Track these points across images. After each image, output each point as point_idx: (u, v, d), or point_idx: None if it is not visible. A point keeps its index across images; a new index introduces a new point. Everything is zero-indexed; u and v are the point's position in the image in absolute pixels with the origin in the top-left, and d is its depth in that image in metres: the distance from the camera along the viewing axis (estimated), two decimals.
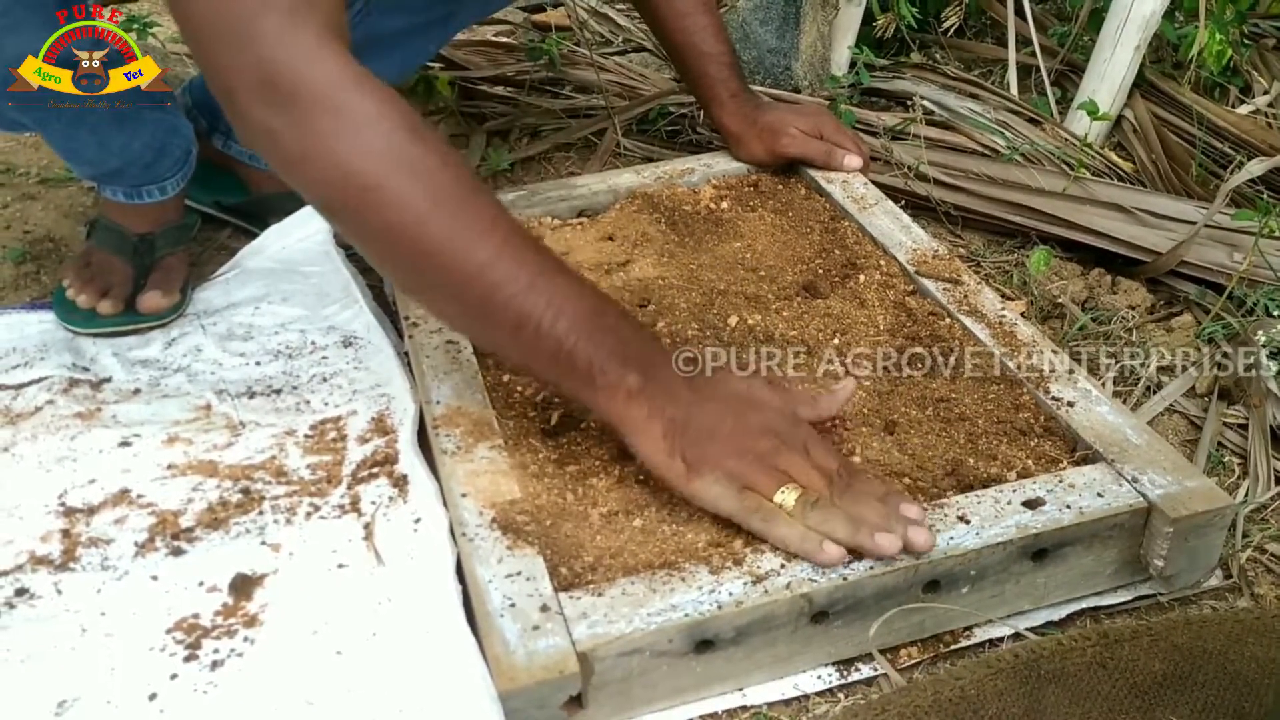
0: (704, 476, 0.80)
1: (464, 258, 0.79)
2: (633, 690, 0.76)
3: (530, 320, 0.79)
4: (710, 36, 1.29)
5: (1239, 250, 1.22)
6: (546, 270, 0.81)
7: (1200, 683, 0.77)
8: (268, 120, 0.78)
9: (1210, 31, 1.47)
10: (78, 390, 1.04)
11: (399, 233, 0.79)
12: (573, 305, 0.80)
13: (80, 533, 0.88)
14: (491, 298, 0.79)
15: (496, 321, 0.81)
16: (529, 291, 0.79)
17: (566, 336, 0.79)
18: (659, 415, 0.81)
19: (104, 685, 0.75)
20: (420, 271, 0.82)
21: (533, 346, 0.81)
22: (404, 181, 0.78)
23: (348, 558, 0.85)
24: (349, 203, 0.80)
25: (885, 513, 0.78)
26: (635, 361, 0.81)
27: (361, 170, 0.78)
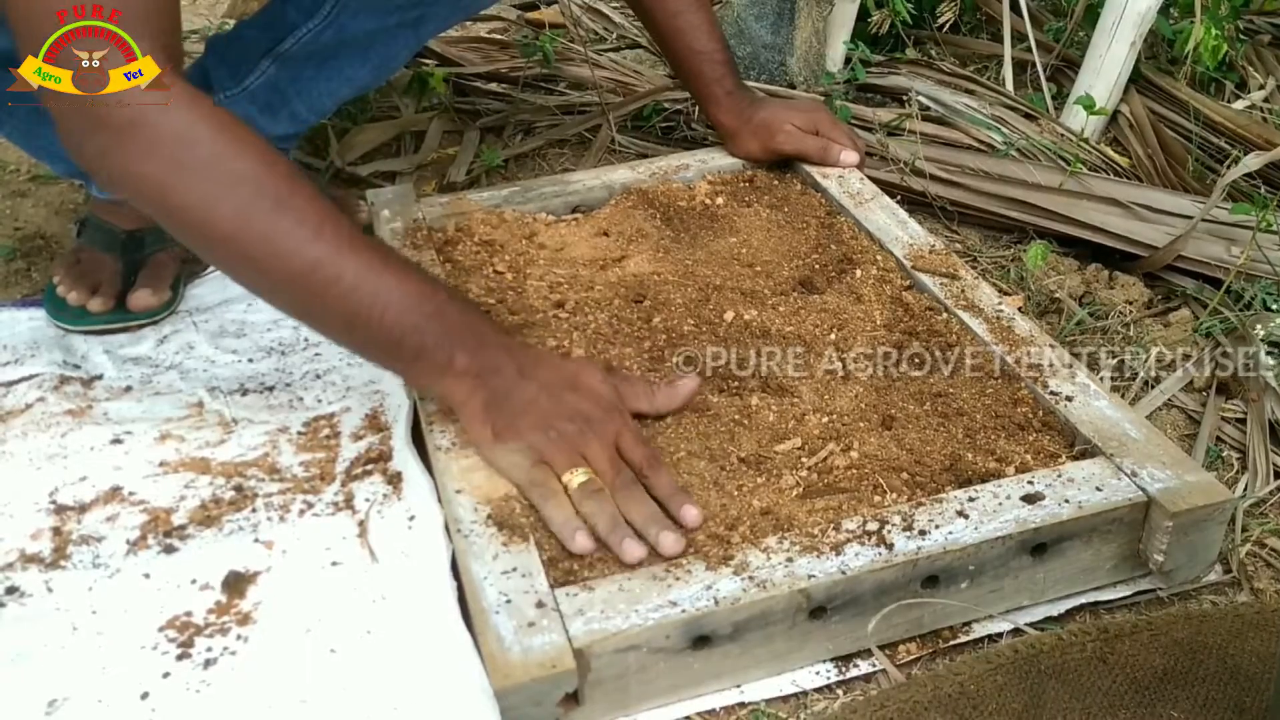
0: (506, 444, 0.84)
1: (291, 258, 0.81)
2: (629, 687, 0.75)
3: (360, 315, 0.83)
4: (704, 33, 1.29)
5: (1236, 245, 1.21)
6: (373, 265, 0.83)
7: (1200, 678, 0.77)
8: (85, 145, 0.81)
9: (1205, 27, 1.46)
10: (68, 387, 1.03)
11: (226, 239, 0.82)
12: (399, 295, 0.83)
13: (71, 530, 0.87)
14: (322, 295, 0.82)
15: (329, 317, 0.85)
16: (356, 287, 0.82)
17: (395, 326, 0.83)
18: (482, 388, 0.85)
19: (95, 684, 0.75)
20: (251, 274, 0.84)
21: (365, 338, 0.85)
22: (223, 189, 0.81)
23: (341, 555, 0.85)
24: (174, 218, 0.83)
25: (650, 516, 0.80)
26: (462, 341, 0.85)
27: (177, 188, 0.80)
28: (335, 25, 1.12)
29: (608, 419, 0.85)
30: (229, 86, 1.26)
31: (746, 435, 0.91)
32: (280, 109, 1.18)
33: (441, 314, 0.85)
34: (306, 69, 1.15)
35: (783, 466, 0.88)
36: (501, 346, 0.87)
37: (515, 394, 0.85)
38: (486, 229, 1.19)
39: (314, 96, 1.18)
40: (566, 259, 1.13)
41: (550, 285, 1.09)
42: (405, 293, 0.84)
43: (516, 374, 0.86)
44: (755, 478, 0.87)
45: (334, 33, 1.12)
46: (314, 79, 1.16)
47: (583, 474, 0.82)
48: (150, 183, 0.81)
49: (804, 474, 0.87)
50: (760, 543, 0.79)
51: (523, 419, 0.84)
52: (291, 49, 1.13)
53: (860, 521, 0.81)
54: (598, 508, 0.81)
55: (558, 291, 1.08)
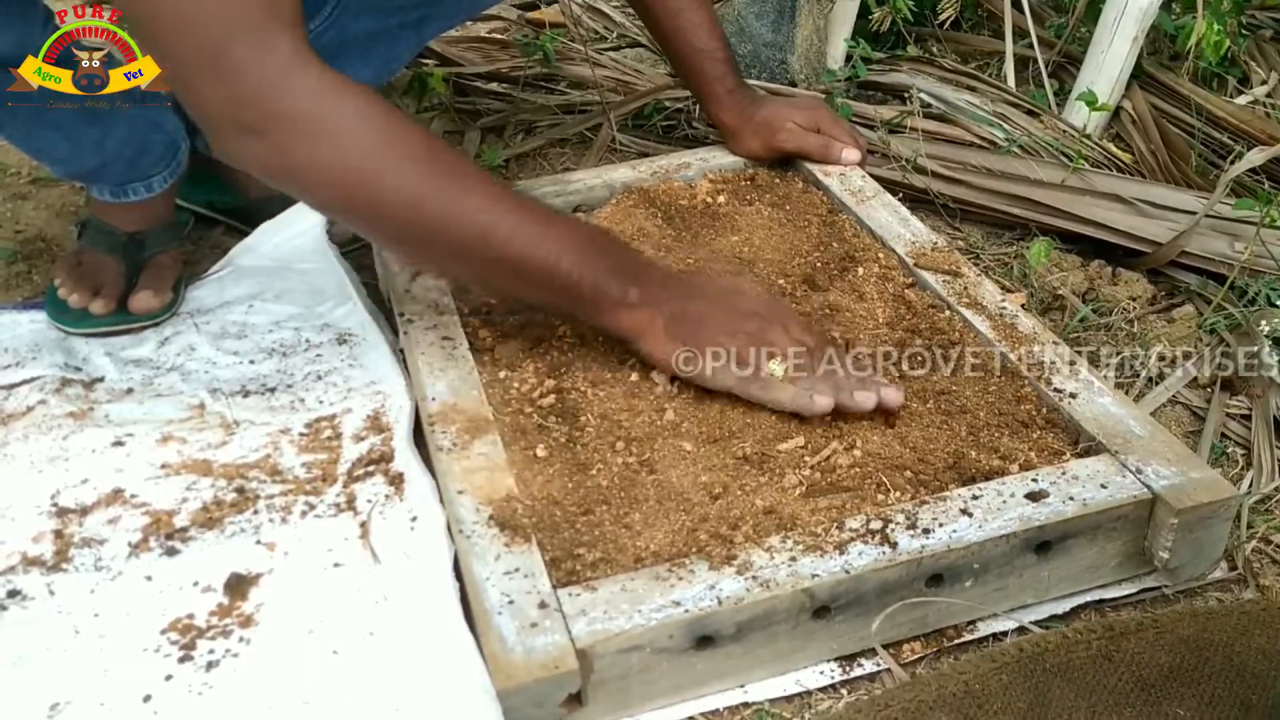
0: (704, 357, 0.91)
1: (469, 224, 0.87)
2: (632, 687, 0.75)
3: (538, 264, 0.88)
4: (705, 32, 1.28)
5: (1240, 240, 1.21)
6: (541, 218, 0.90)
7: (1206, 675, 0.76)
8: (248, 148, 0.83)
9: (1208, 22, 1.46)
10: (70, 390, 1.03)
11: (404, 215, 0.86)
12: (572, 243, 0.90)
13: (73, 533, 0.87)
14: (501, 253, 0.88)
15: (508, 272, 0.90)
16: (533, 240, 0.88)
17: (572, 271, 0.89)
18: (659, 316, 0.91)
19: (98, 687, 0.75)
20: (431, 244, 0.89)
21: (544, 286, 0.90)
22: (396, 169, 0.84)
23: (344, 556, 0.84)
24: (348, 202, 0.86)
25: (862, 379, 0.91)
26: (631, 277, 0.92)
27: (352, 170, 0.84)
28: (336, 26, 1.12)
29: (775, 312, 0.94)
30: None
31: (749, 434, 0.90)
32: None
33: (607, 255, 0.92)
34: None
35: (785, 465, 0.87)
36: (664, 274, 0.96)
37: (690, 313, 0.92)
38: None
39: None
40: None
41: None
42: (575, 241, 0.90)
43: (685, 295, 0.93)
44: (758, 477, 0.87)
45: (335, 34, 1.12)
46: None
47: (778, 364, 0.90)
48: (329, 170, 0.84)
49: (807, 473, 0.87)
50: (763, 542, 0.79)
51: (705, 332, 0.91)
52: None
53: (864, 520, 0.81)
54: (812, 381, 0.89)
55: None
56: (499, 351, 1.00)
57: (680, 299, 0.92)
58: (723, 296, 0.95)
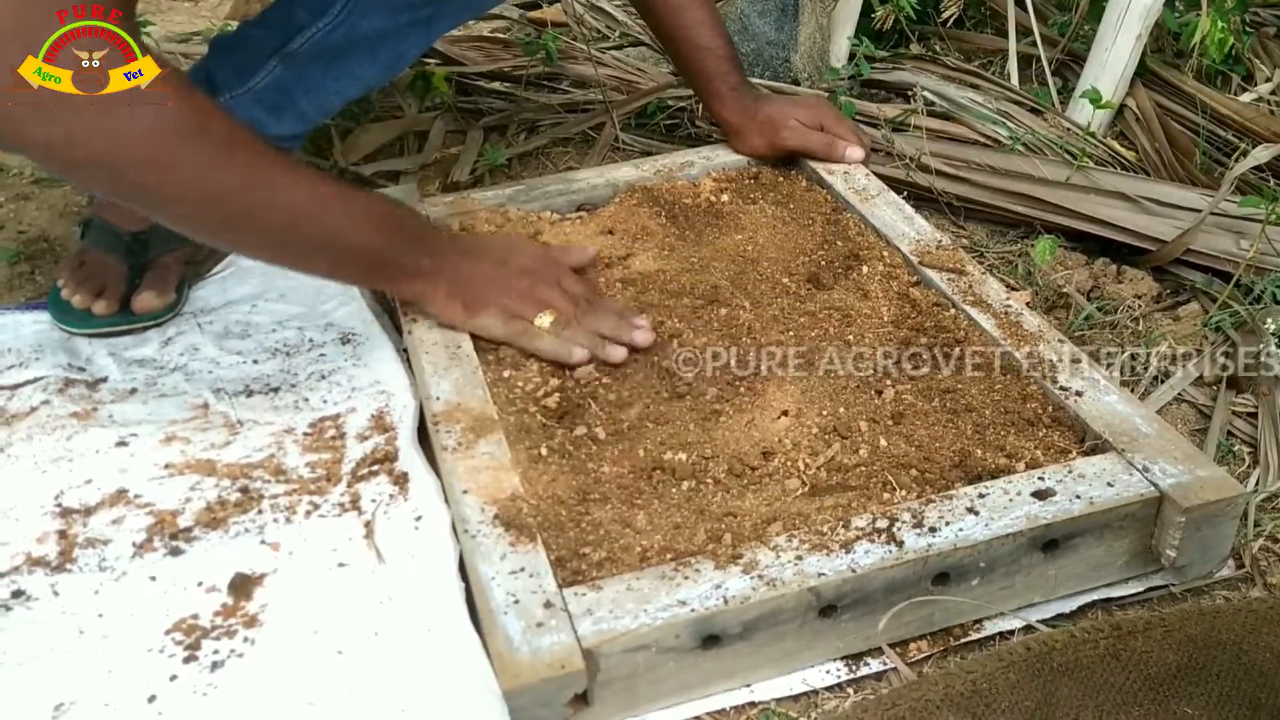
0: (480, 313, 1.00)
1: (272, 201, 0.90)
2: (639, 687, 0.75)
3: (341, 239, 0.94)
4: (707, 30, 1.28)
5: (1245, 238, 1.21)
6: (341, 197, 0.94)
7: (1215, 674, 0.76)
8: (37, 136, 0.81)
9: (1211, 20, 1.45)
10: (73, 390, 1.03)
11: (202, 196, 0.87)
12: (370, 219, 0.96)
13: (77, 533, 0.87)
14: (305, 230, 0.92)
15: (311, 247, 0.94)
16: (337, 216, 0.93)
17: (369, 246, 0.96)
18: (443, 279, 1.00)
19: (102, 687, 0.74)
20: (232, 224, 0.90)
21: (344, 259, 0.96)
22: (192, 149, 0.85)
23: (348, 556, 0.84)
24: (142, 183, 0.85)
25: (619, 325, 0.99)
26: (422, 247, 0.99)
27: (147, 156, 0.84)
28: (346, 24, 1.11)
29: (549, 268, 1.03)
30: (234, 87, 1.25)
31: (754, 433, 0.90)
32: (286, 109, 1.17)
33: (402, 228, 0.98)
34: (314, 68, 1.14)
35: (790, 464, 0.87)
36: (450, 243, 1.03)
37: (472, 275, 1.00)
38: (491, 228, 1.18)
39: (321, 96, 1.17)
40: None
41: None
42: (372, 216, 0.96)
43: (468, 260, 1.01)
44: (763, 476, 0.86)
45: (344, 32, 1.11)
46: (322, 78, 1.15)
47: (548, 315, 0.98)
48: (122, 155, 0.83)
49: (812, 472, 0.86)
50: (769, 541, 0.79)
51: (484, 291, 1.00)
52: (300, 49, 1.13)
53: (870, 519, 0.80)
54: (574, 333, 0.98)
55: None
56: (503, 350, 1.00)
57: (463, 264, 1.01)
58: (499, 257, 1.03)
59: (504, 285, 1.00)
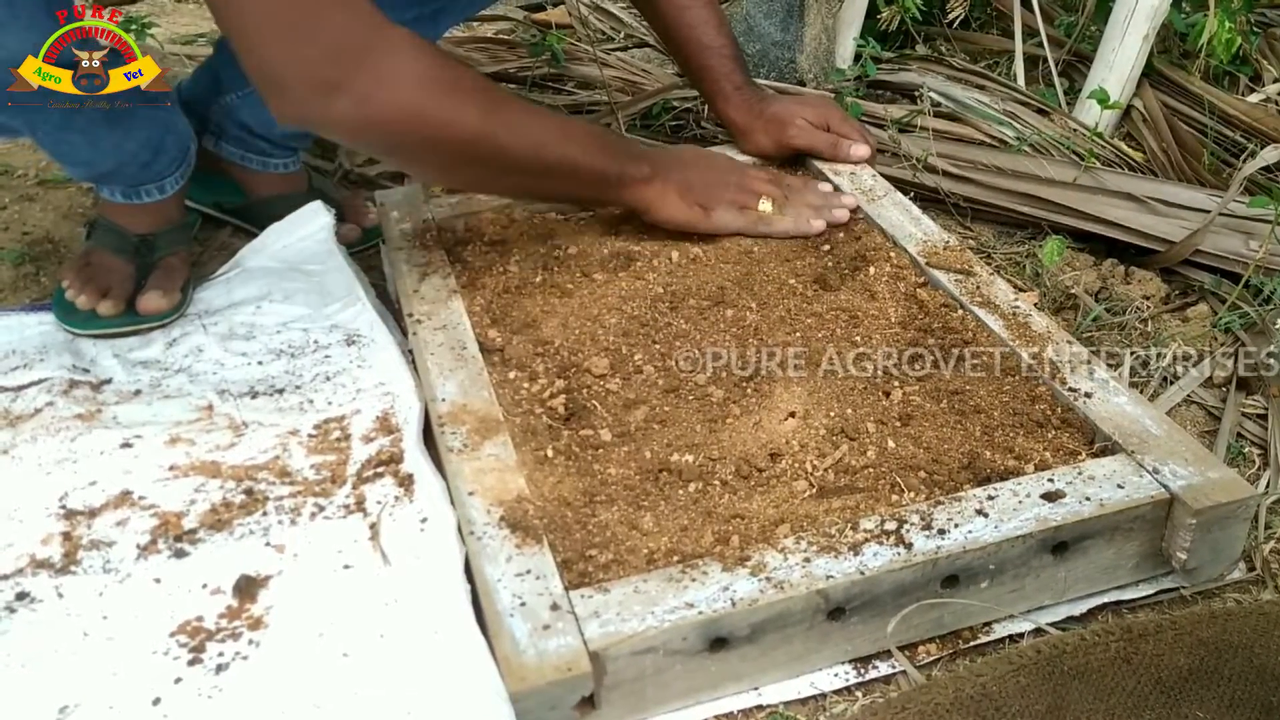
0: (715, 211, 1.12)
1: (525, 142, 1.02)
2: (646, 690, 0.74)
3: (576, 165, 1.06)
4: (712, 29, 1.28)
5: (1254, 238, 1.20)
6: (568, 127, 1.10)
7: (1226, 677, 0.75)
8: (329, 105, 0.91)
9: (1219, 20, 1.45)
10: (78, 391, 1.03)
11: (473, 144, 0.98)
12: (594, 141, 1.08)
13: (81, 535, 0.86)
14: (548, 163, 1.04)
15: (553, 177, 1.06)
16: (570, 146, 1.05)
17: (596, 164, 1.08)
18: (670, 185, 1.11)
19: (106, 690, 0.74)
20: (493, 166, 1.02)
21: (580, 181, 1.08)
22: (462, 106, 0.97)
23: (353, 558, 0.84)
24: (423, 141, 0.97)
25: (825, 198, 1.18)
26: (639, 158, 1.11)
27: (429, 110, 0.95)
28: None
29: (742, 168, 1.20)
30: (240, 86, 1.25)
31: (761, 434, 0.90)
32: None
33: (619, 145, 1.14)
34: None
35: (798, 466, 0.87)
36: (661, 154, 1.16)
37: (693, 179, 1.12)
38: (496, 229, 1.18)
39: None
40: (577, 259, 1.12)
41: (561, 286, 1.08)
42: (595, 139, 1.09)
43: (684, 167, 1.14)
44: (770, 478, 0.86)
45: None
46: None
47: (767, 201, 1.14)
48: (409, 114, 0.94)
49: (820, 473, 0.86)
50: (777, 543, 0.78)
51: (711, 191, 1.12)
52: None
53: (878, 521, 0.80)
54: (797, 210, 1.14)
55: (569, 293, 1.07)
56: (508, 352, 1.00)
57: (679, 170, 1.12)
58: (706, 162, 1.17)
59: (723, 184, 1.13)
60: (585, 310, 1.04)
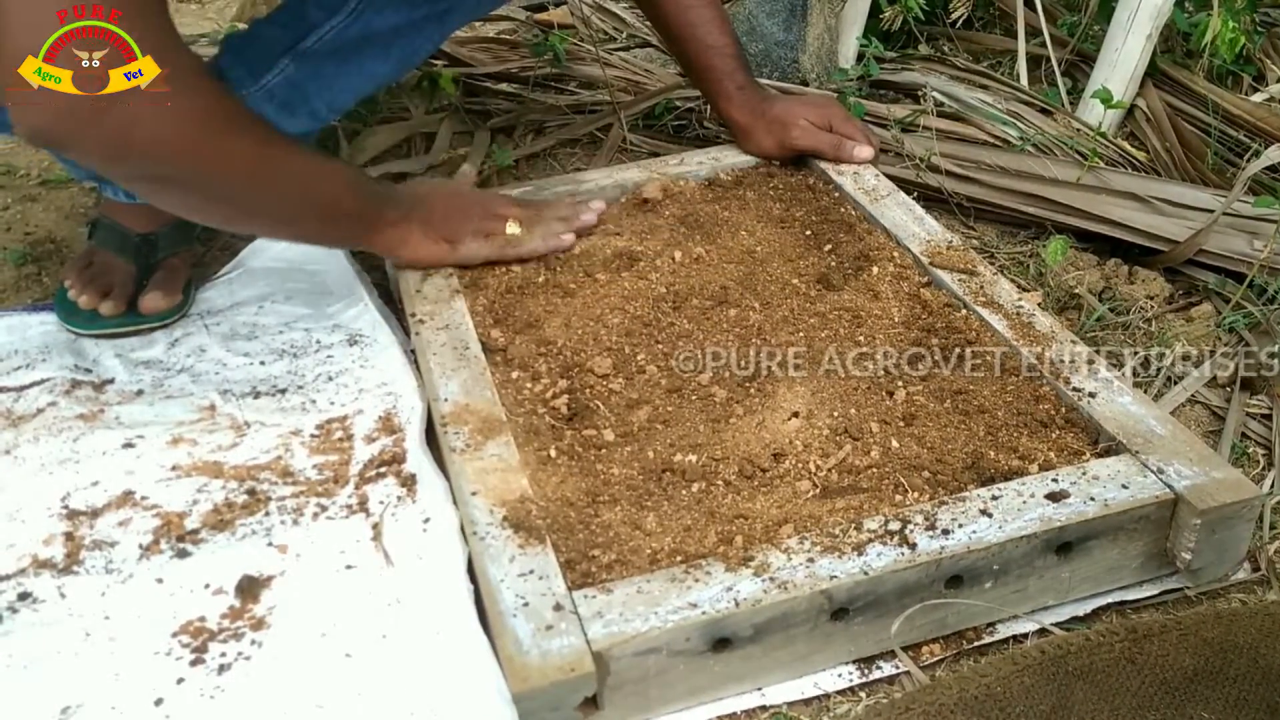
0: (462, 243, 1.10)
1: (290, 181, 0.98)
2: (649, 690, 0.74)
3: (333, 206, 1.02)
4: (715, 29, 1.27)
5: (1259, 238, 1.20)
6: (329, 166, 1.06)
7: (1231, 678, 0.75)
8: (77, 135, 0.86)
9: (1222, 19, 1.45)
10: (80, 392, 1.03)
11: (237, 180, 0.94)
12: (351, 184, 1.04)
13: (83, 535, 0.86)
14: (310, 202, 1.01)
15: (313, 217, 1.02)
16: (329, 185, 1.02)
17: (354, 206, 1.04)
18: (414, 224, 1.09)
19: (108, 690, 0.74)
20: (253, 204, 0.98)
21: (334, 222, 1.04)
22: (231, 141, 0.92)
23: (356, 559, 0.84)
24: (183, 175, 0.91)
25: (572, 209, 1.15)
26: (388, 201, 1.08)
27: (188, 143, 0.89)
28: (361, 21, 1.11)
29: (484, 194, 1.19)
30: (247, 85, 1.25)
31: (764, 434, 0.90)
32: (299, 107, 1.17)
33: (373, 189, 1.08)
34: (328, 65, 1.14)
35: (802, 466, 0.86)
36: (405, 194, 1.11)
37: (434, 215, 1.10)
38: None
39: (334, 93, 1.16)
40: (580, 258, 1.12)
41: (564, 286, 1.08)
42: (354, 183, 1.05)
43: (424, 204, 1.11)
44: (774, 478, 0.86)
45: (359, 28, 1.11)
46: (335, 75, 1.15)
47: (514, 224, 1.11)
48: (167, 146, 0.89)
49: (824, 474, 0.86)
50: (781, 543, 0.78)
51: (454, 223, 1.10)
52: (313, 46, 1.12)
53: (882, 521, 0.80)
54: (545, 227, 1.12)
55: (571, 293, 1.07)
56: (511, 352, 1.00)
57: (421, 208, 1.10)
58: (449, 195, 1.15)
59: (464, 215, 1.11)
60: (588, 310, 1.04)
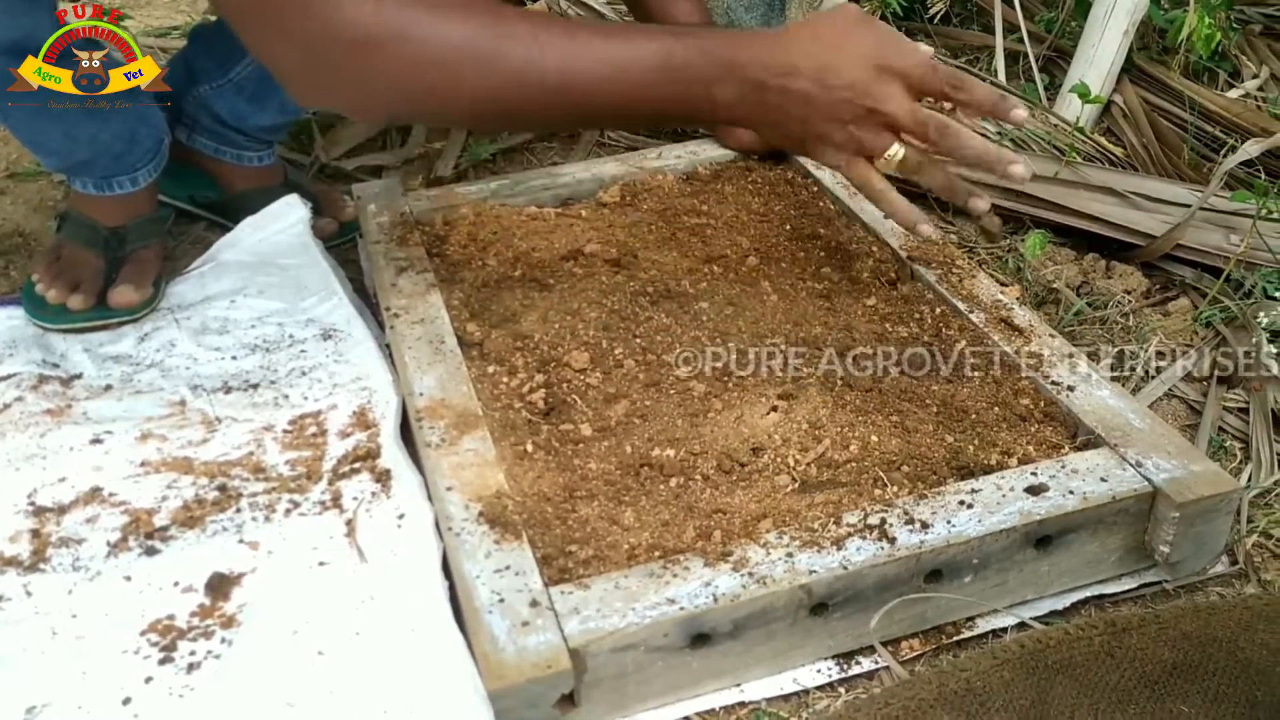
0: (816, 155, 0.88)
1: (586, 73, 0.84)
2: (627, 687, 0.73)
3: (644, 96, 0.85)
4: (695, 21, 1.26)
5: (1236, 232, 1.20)
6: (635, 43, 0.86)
7: (1211, 671, 0.75)
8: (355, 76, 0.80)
9: (1199, 16, 1.45)
10: (47, 387, 1.01)
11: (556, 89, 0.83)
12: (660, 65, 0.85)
13: (50, 533, 0.85)
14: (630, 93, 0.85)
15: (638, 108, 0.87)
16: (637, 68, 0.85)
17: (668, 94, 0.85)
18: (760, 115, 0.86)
19: (75, 689, 0.73)
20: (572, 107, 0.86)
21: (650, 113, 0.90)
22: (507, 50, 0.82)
23: (329, 555, 0.82)
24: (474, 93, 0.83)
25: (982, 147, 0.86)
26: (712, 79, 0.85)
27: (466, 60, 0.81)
28: None
29: (879, 78, 0.84)
30: (215, 78, 1.23)
31: (743, 429, 0.89)
32: (269, 99, 1.16)
33: (687, 64, 0.85)
34: None
35: (781, 460, 0.86)
36: (745, 60, 0.86)
37: (788, 105, 0.85)
38: (475, 222, 1.16)
39: None
40: (557, 253, 1.11)
41: (541, 280, 1.07)
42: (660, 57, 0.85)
43: (779, 80, 0.85)
44: (753, 472, 0.85)
45: None
46: None
47: (896, 147, 0.84)
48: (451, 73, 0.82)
49: (803, 468, 0.85)
50: (759, 538, 0.77)
51: (811, 128, 0.85)
52: None
53: (861, 515, 0.79)
54: (929, 174, 0.86)
55: (549, 287, 1.06)
56: (487, 346, 0.98)
57: (772, 91, 0.85)
58: (816, 71, 0.84)
59: (830, 115, 0.85)
60: (565, 304, 1.03)
